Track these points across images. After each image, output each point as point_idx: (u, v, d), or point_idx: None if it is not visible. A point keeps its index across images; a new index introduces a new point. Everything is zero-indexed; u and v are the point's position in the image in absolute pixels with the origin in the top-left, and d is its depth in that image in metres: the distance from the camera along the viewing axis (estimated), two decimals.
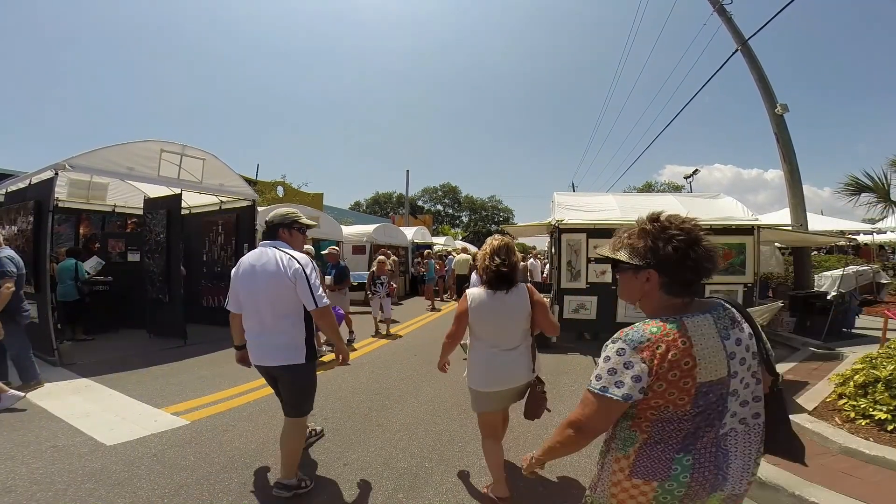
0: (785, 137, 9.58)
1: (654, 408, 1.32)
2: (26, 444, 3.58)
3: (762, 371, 1.39)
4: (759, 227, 7.24)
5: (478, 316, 2.69)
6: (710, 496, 1.36)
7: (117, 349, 6.91)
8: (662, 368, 1.26)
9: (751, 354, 1.35)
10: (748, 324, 1.38)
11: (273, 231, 2.96)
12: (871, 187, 7.37)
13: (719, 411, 1.31)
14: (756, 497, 2.87)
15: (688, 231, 1.35)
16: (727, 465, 1.34)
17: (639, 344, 1.28)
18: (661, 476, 1.32)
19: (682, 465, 1.31)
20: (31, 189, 6.77)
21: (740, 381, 1.32)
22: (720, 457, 1.33)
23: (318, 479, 3.12)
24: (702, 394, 1.28)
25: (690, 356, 1.26)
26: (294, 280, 2.73)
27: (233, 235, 8.98)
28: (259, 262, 2.81)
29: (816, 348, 6.56)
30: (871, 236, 14.48)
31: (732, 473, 1.35)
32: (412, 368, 6.15)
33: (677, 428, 1.32)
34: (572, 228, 7.52)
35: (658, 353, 1.26)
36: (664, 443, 1.33)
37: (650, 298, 1.42)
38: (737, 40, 10.23)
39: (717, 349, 1.29)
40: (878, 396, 3.62)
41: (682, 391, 1.28)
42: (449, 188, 66.44)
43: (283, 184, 22.28)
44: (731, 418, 1.34)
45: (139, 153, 7.14)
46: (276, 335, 2.81)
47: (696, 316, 1.32)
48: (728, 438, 1.35)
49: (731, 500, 1.40)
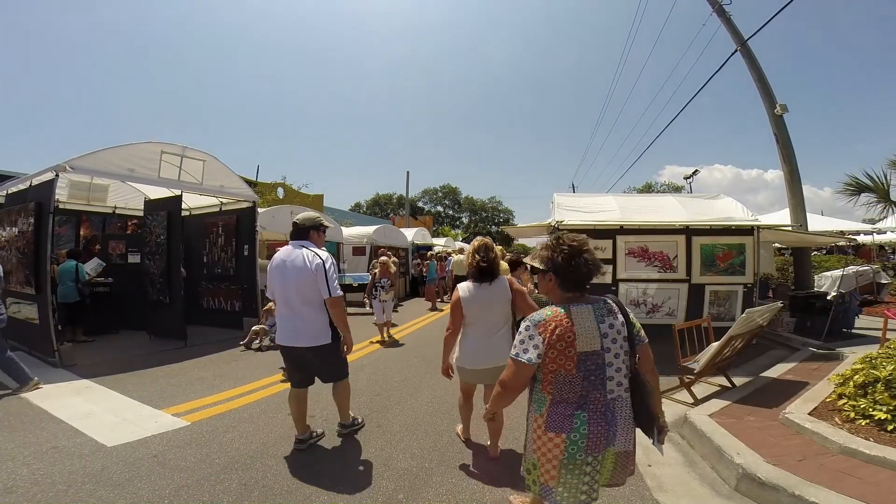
0: (784, 138, 9.59)
1: (552, 372, 1.83)
2: (27, 445, 3.59)
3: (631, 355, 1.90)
4: (758, 227, 7.23)
5: (468, 304, 3.21)
6: (606, 450, 1.82)
7: (118, 350, 6.92)
8: (552, 340, 1.79)
9: (622, 337, 1.87)
10: (623, 316, 1.92)
11: (304, 232, 3.52)
12: (870, 187, 7.36)
13: (601, 378, 1.82)
14: (756, 497, 2.87)
15: (573, 246, 1.97)
16: (615, 424, 1.83)
17: (538, 322, 1.84)
18: (566, 429, 1.80)
19: (581, 419, 1.79)
20: (31, 191, 6.78)
21: (614, 356, 1.85)
22: (609, 416, 1.82)
23: (317, 481, 3.12)
24: (582, 361, 1.80)
25: (572, 332, 1.79)
26: (315, 272, 3.30)
27: (233, 237, 8.98)
28: (289, 258, 3.39)
29: (816, 349, 6.57)
30: (872, 236, 14.48)
31: (620, 432, 1.84)
32: (412, 370, 6.15)
33: (571, 389, 1.82)
34: (572, 229, 7.47)
35: (549, 329, 1.81)
36: (565, 402, 1.83)
37: (553, 293, 1.99)
38: (736, 41, 10.24)
39: (592, 329, 1.83)
40: (877, 396, 3.63)
41: (567, 358, 1.80)
42: (449, 189, 66.40)
43: (284, 185, 22.30)
44: (618, 387, 1.85)
45: (140, 154, 7.14)
46: (305, 320, 3.36)
47: (581, 305, 1.88)
48: (616, 403, 1.85)
49: (623, 456, 1.88)
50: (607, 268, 7.41)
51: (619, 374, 1.85)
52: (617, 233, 7.43)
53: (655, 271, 7.38)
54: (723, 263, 7.23)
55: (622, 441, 1.84)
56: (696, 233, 7.25)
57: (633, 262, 7.39)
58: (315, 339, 3.37)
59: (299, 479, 3.13)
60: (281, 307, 3.45)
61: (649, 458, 3.50)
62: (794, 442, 3.47)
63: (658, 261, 7.38)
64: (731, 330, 4.70)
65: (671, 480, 3.18)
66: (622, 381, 1.86)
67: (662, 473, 3.28)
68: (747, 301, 7.05)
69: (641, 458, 3.50)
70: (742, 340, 5.07)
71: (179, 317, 7.47)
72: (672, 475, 3.27)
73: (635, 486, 3.08)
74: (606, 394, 1.82)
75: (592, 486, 1.83)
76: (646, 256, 7.40)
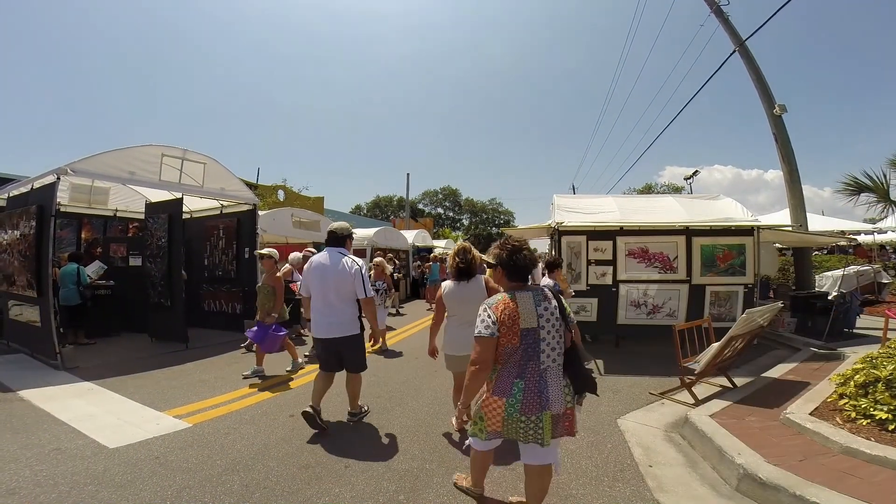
0: (784, 138, 9.59)
1: (502, 345, 2.30)
2: (30, 447, 3.60)
3: (565, 331, 2.39)
4: (758, 227, 7.24)
5: (449, 299, 3.76)
6: (542, 413, 2.26)
7: (119, 353, 6.93)
8: (502, 318, 2.27)
9: (554, 318, 2.35)
10: (556, 301, 2.40)
11: (342, 239, 4.10)
12: (870, 187, 7.39)
13: (536, 350, 2.29)
14: (757, 497, 2.87)
15: (514, 246, 2.47)
16: (547, 390, 2.28)
17: (491, 305, 2.34)
18: (506, 393, 2.30)
19: (518, 387, 2.28)
20: (33, 194, 6.80)
21: (547, 333, 2.32)
22: (542, 384, 2.28)
23: (319, 482, 3.13)
24: (523, 336, 2.28)
25: (517, 312, 2.29)
26: (353, 276, 3.88)
27: (234, 239, 9.00)
28: (329, 262, 3.94)
29: (818, 349, 6.57)
30: (872, 236, 14.47)
31: (552, 398, 2.28)
32: (413, 371, 6.16)
33: (512, 360, 2.31)
34: (572, 231, 7.51)
35: (500, 310, 2.30)
36: (508, 371, 2.33)
37: (502, 283, 2.53)
38: (734, 41, 10.26)
39: (531, 310, 2.32)
40: (878, 396, 3.63)
41: (513, 333, 2.28)
42: (449, 191, 66.37)
43: (284, 187, 22.34)
44: (546, 358, 2.31)
45: (140, 158, 7.17)
46: (340, 314, 3.92)
47: (523, 292, 2.38)
48: (548, 372, 2.31)
49: (557, 419, 2.30)
50: (607, 269, 7.42)
51: (550, 347, 2.32)
52: (617, 234, 7.43)
53: (656, 272, 7.38)
54: (723, 264, 7.24)
55: (555, 405, 2.29)
56: (696, 233, 7.25)
57: (633, 263, 7.40)
58: (347, 331, 3.95)
59: (301, 480, 3.14)
60: (318, 303, 3.95)
61: (650, 459, 3.51)
62: (795, 442, 3.46)
63: (658, 262, 7.38)
64: (731, 330, 4.71)
65: (672, 481, 3.18)
66: (552, 354, 2.32)
67: (663, 474, 3.28)
68: (748, 301, 7.05)
69: (642, 458, 3.52)
70: (743, 341, 5.07)
71: (180, 319, 7.49)
72: (673, 476, 3.27)
73: (636, 486, 3.09)
74: (540, 364, 2.29)
75: (537, 433, 2.26)
76: (646, 257, 7.40)
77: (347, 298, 3.93)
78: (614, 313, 7.42)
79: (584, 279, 7.52)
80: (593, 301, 7.47)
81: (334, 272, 3.89)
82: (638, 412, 4.58)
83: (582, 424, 4.19)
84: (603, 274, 7.44)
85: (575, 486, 3.09)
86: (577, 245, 7.56)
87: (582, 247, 7.54)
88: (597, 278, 7.46)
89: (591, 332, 7.94)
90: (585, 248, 7.53)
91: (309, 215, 12.42)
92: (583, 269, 7.54)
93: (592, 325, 7.59)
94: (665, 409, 4.68)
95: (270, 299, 5.76)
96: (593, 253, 7.51)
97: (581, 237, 7.52)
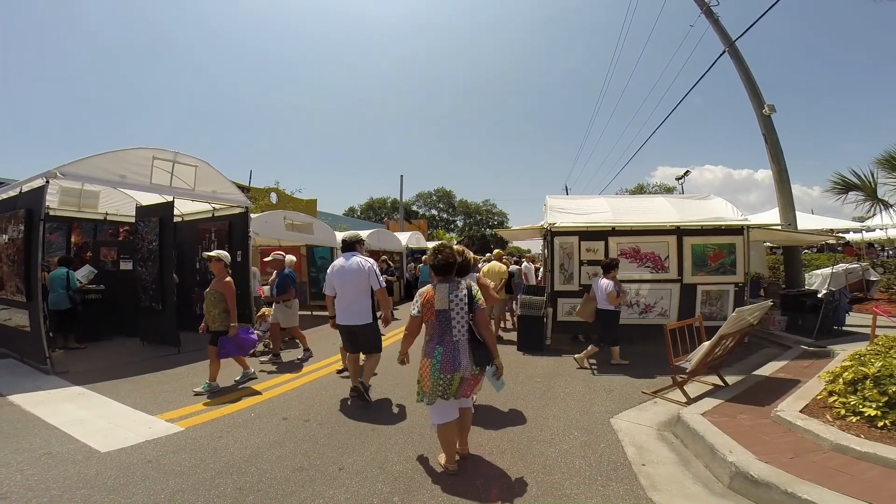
0: (773, 138, 9.69)
1: (426, 321, 3.25)
2: (20, 451, 3.57)
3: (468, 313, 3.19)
4: (748, 227, 7.30)
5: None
6: (454, 374, 3.09)
7: (110, 357, 6.87)
8: (424, 301, 3.24)
9: (462, 303, 3.17)
10: (467, 291, 3.20)
11: (352, 245, 4.96)
12: (858, 185, 7.47)
13: (449, 326, 3.16)
14: (749, 494, 2.90)
15: (437, 250, 3.38)
16: (459, 357, 3.11)
17: (420, 294, 3.30)
18: (430, 356, 3.17)
19: (438, 351, 3.14)
20: (21, 197, 6.73)
21: (455, 314, 3.16)
22: (455, 352, 3.12)
23: (313, 485, 3.13)
24: (438, 315, 3.18)
25: (433, 298, 3.20)
26: (368, 272, 4.78)
27: (226, 243, 8.91)
28: (346, 264, 4.81)
29: (808, 346, 6.63)
30: (861, 234, 14.64)
31: (462, 364, 3.10)
32: (406, 372, 6.13)
33: (434, 332, 3.21)
34: (564, 231, 7.55)
35: (423, 296, 3.27)
36: (432, 340, 3.21)
37: (433, 280, 3.41)
38: (724, 42, 10.36)
39: (445, 297, 3.17)
40: (867, 393, 3.66)
41: (431, 313, 3.20)
42: (443, 193, 66.43)
43: (277, 190, 22.24)
44: (458, 333, 3.16)
45: (131, 161, 7.10)
46: (358, 305, 4.78)
47: (442, 284, 3.24)
48: (459, 343, 3.15)
49: (464, 381, 3.14)
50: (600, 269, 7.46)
51: (459, 324, 3.16)
52: (609, 234, 7.48)
53: (648, 272, 7.43)
54: (714, 263, 7.30)
55: (463, 370, 3.11)
56: (686, 233, 7.31)
57: (625, 263, 7.44)
58: (363, 319, 4.80)
59: (295, 483, 3.13)
60: (342, 298, 4.79)
61: (643, 458, 3.53)
62: (786, 439, 3.50)
63: (650, 261, 7.44)
64: (721, 329, 4.74)
65: (665, 479, 3.20)
66: (462, 330, 3.17)
67: (656, 472, 3.30)
68: (739, 300, 7.12)
69: (635, 457, 3.54)
70: (733, 339, 5.11)
71: (172, 323, 7.43)
72: (666, 474, 3.29)
73: (629, 485, 3.11)
74: (453, 337, 3.16)
75: (447, 390, 3.12)
76: (638, 257, 7.45)
77: (363, 292, 4.79)
78: None
79: (577, 279, 7.56)
80: None
81: (350, 271, 4.77)
82: (631, 411, 4.60)
83: (575, 424, 4.24)
84: (595, 274, 7.46)
85: (569, 485, 3.11)
86: (569, 245, 7.60)
87: (574, 247, 7.58)
88: (589, 278, 7.48)
89: (584, 331, 7.98)
90: (578, 249, 7.57)
91: (302, 218, 12.35)
92: (575, 270, 7.58)
93: (586, 324, 7.62)
94: (658, 407, 4.71)
95: (217, 306, 5.49)
96: (585, 253, 7.55)
97: (573, 238, 7.56)
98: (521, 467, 3.38)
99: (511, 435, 3.99)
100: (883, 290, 11.67)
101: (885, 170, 7.20)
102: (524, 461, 3.48)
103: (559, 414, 4.55)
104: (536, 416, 4.46)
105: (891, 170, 7.12)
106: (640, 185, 53.33)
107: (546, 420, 4.37)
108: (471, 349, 3.14)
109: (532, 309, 7.71)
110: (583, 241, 7.53)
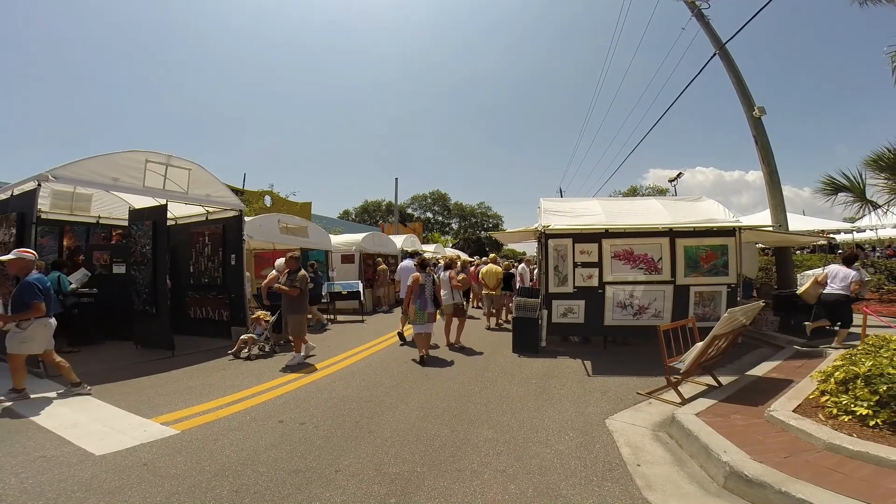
0: (763, 140, 9.79)
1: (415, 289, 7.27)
2: (14, 455, 3.53)
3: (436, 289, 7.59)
4: (740, 228, 7.37)
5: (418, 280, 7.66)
6: (425, 311, 7.17)
7: (104, 361, 6.81)
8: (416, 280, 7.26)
9: (431, 283, 7.44)
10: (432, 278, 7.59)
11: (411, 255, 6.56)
12: (847, 187, 7.56)
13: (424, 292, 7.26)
14: (744, 494, 2.92)
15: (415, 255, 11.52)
16: (428, 304, 7.26)
17: (413, 278, 7.31)
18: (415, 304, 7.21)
19: (419, 302, 7.21)
20: (13, 200, 6.68)
21: (427, 288, 7.33)
22: (426, 302, 7.24)
23: (309, 487, 3.12)
24: (421, 286, 7.26)
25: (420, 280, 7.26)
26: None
27: (220, 246, 8.90)
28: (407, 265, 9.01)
29: (800, 346, 6.69)
30: (851, 235, 14.79)
31: (429, 306, 7.26)
32: (402, 375, 6.15)
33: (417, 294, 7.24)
34: (558, 234, 7.58)
35: (415, 278, 7.26)
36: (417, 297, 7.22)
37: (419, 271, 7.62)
38: (714, 44, 10.47)
39: (425, 279, 7.33)
40: (858, 392, 3.70)
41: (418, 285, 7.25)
42: (438, 195, 66.51)
43: (271, 193, 22.18)
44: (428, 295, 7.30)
45: (124, 163, 7.08)
46: None
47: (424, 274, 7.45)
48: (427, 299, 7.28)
49: (430, 315, 7.28)
50: (594, 271, 7.50)
51: (427, 291, 7.24)
52: (602, 236, 7.52)
53: (641, 273, 7.48)
54: (706, 264, 7.35)
55: (431, 309, 7.25)
56: (679, 235, 7.37)
57: (618, 265, 7.49)
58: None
59: (291, 485, 3.12)
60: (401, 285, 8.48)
61: (638, 458, 3.55)
62: (779, 439, 3.53)
63: (643, 263, 7.48)
64: (714, 329, 4.78)
65: (660, 479, 3.22)
66: (429, 292, 7.24)
67: (651, 473, 3.32)
68: (731, 301, 7.17)
69: (630, 457, 3.56)
70: (726, 340, 5.15)
71: (166, 326, 7.38)
72: (661, 474, 3.31)
73: (625, 485, 3.13)
74: (425, 295, 7.22)
75: (422, 318, 7.10)
76: (631, 259, 7.50)
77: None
78: (601, 315, 7.50)
79: (571, 281, 7.59)
80: (580, 303, 7.54)
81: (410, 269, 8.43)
82: (626, 412, 4.63)
83: (571, 425, 4.27)
84: (589, 276, 7.52)
85: (564, 486, 3.12)
86: (563, 248, 7.63)
87: (568, 249, 7.61)
88: (583, 280, 7.54)
89: (579, 333, 8.02)
90: (572, 251, 7.60)
91: (296, 221, 12.32)
92: (569, 272, 7.61)
93: (581, 326, 7.67)
94: (652, 408, 4.74)
95: None
96: (579, 255, 7.59)
97: (567, 240, 7.60)
98: (517, 468, 3.39)
99: (507, 436, 4.00)
100: (874, 291, 11.80)
101: (872, 171, 7.31)
102: (520, 462, 3.49)
103: (555, 415, 4.56)
104: (532, 417, 4.47)
105: (878, 171, 7.22)
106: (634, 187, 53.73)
107: (542, 421, 4.39)
108: (432, 301, 7.29)
109: (527, 311, 7.74)
110: (577, 243, 7.57)
